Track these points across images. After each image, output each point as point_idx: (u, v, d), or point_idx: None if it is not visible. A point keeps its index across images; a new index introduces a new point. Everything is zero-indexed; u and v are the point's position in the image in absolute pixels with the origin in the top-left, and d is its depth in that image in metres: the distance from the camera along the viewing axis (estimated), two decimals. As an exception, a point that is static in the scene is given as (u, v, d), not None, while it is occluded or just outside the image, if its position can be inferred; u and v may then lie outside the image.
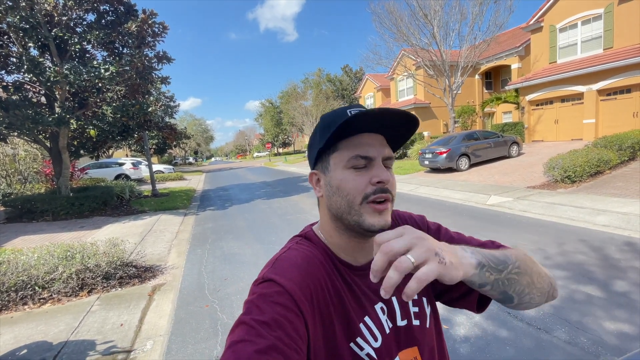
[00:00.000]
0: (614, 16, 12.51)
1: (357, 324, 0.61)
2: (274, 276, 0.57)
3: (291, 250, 0.65)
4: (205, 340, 2.84)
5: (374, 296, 0.65)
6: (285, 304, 0.53)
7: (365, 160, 0.62)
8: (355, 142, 0.62)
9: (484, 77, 22.32)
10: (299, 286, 0.56)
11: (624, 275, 3.30)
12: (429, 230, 0.77)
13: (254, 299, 0.54)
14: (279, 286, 0.55)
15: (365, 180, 0.61)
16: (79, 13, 8.47)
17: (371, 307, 0.64)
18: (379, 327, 0.63)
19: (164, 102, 22.23)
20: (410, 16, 16.15)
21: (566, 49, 14.46)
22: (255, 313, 0.52)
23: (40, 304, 3.64)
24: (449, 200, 7.87)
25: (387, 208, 0.62)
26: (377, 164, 0.62)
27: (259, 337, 0.48)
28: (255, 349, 0.47)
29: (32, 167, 12.49)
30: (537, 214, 5.86)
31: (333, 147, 0.64)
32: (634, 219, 4.84)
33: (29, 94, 8.74)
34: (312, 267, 0.62)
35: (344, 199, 0.62)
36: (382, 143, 0.64)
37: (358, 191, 0.61)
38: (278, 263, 0.61)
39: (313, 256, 0.64)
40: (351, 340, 0.61)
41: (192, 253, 5.40)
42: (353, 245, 0.66)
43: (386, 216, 0.62)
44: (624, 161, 8.56)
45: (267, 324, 0.50)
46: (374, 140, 0.63)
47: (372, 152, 0.62)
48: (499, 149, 12.37)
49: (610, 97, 12.81)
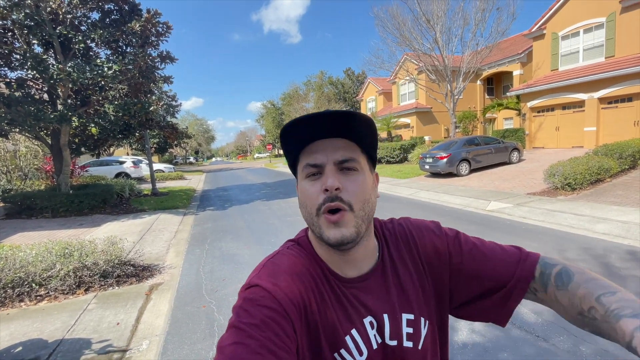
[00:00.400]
0: (616, 25, 12.56)
1: (343, 336, 0.60)
2: (260, 282, 0.57)
3: (280, 256, 0.64)
4: (202, 340, 2.82)
5: (363, 310, 0.63)
6: (273, 307, 0.53)
7: (316, 168, 0.59)
8: (309, 150, 0.60)
9: (485, 82, 22.38)
10: (284, 292, 0.56)
11: (625, 284, 3.29)
12: (446, 237, 0.71)
13: (242, 304, 0.55)
14: (264, 291, 0.55)
15: (317, 188, 0.58)
16: (84, 11, 8.51)
17: (359, 321, 0.62)
18: (366, 341, 0.61)
19: (166, 102, 22.28)
20: (413, 21, 16.23)
21: (568, 56, 14.51)
22: (243, 316, 0.52)
23: (37, 301, 3.63)
24: (448, 205, 7.86)
25: (342, 219, 0.57)
26: (327, 170, 0.58)
27: (250, 339, 0.49)
28: (247, 349, 0.48)
29: (33, 163, 12.48)
30: (537, 221, 5.85)
31: (297, 158, 0.63)
32: (634, 228, 4.83)
33: (31, 91, 8.76)
34: (299, 274, 0.60)
35: (306, 209, 0.60)
36: (337, 146, 0.59)
37: (312, 201, 0.59)
38: (264, 269, 0.60)
39: (301, 264, 0.62)
40: (335, 351, 0.59)
41: (190, 253, 5.39)
42: (336, 258, 0.63)
43: (343, 228, 0.57)
44: (625, 170, 8.56)
45: (256, 326, 0.50)
46: (327, 145, 0.59)
47: (320, 158, 0.59)
48: (499, 155, 12.38)
49: (612, 106, 12.84)
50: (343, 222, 0.57)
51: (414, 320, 0.65)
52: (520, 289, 0.63)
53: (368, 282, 0.64)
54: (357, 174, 0.60)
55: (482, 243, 0.70)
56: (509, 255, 0.66)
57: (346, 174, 0.59)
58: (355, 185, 0.59)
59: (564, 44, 14.57)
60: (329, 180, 0.57)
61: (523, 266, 0.64)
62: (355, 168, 0.60)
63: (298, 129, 0.58)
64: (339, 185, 0.57)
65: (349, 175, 0.59)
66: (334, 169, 0.58)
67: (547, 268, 0.62)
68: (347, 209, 0.57)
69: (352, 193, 0.58)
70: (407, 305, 0.65)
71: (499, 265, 0.65)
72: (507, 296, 0.64)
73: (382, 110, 27.22)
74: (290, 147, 0.62)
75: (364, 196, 0.60)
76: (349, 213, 0.57)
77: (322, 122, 0.57)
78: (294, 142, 0.61)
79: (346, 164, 0.59)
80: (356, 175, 0.60)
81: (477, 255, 0.67)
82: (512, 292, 0.63)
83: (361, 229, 0.59)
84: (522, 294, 0.63)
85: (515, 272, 0.63)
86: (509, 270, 0.64)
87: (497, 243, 0.71)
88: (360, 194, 0.59)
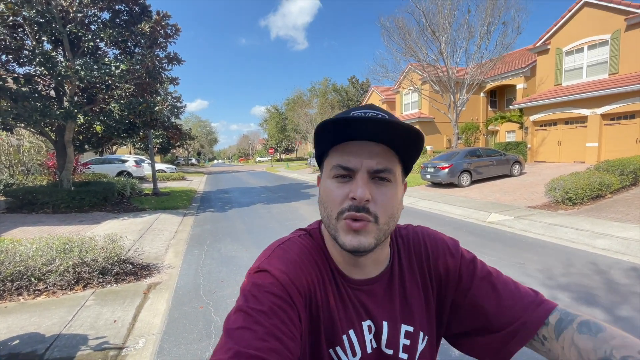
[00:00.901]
0: (620, 42, 12.68)
1: (341, 334, 0.60)
2: (269, 267, 0.57)
3: (290, 243, 0.63)
4: (198, 341, 2.82)
5: (363, 313, 0.62)
6: (280, 295, 0.54)
7: (347, 171, 0.56)
8: (342, 149, 0.57)
9: (489, 95, 22.51)
10: (292, 280, 0.56)
11: (624, 299, 3.28)
12: (461, 258, 0.67)
13: (250, 289, 0.55)
14: (273, 278, 0.55)
15: (344, 193, 0.56)
16: (94, 11, 8.63)
17: (358, 323, 0.61)
18: (361, 343, 0.61)
19: (171, 102, 22.43)
20: (419, 32, 16.41)
21: (572, 72, 14.61)
22: (252, 302, 0.53)
23: (35, 296, 3.63)
24: (449, 215, 7.86)
25: (365, 227, 0.55)
26: (359, 177, 0.55)
27: (257, 324, 0.50)
28: (254, 335, 0.49)
29: (36, 159, 12.55)
30: (537, 234, 5.84)
31: (327, 152, 0.61)
32: (633, 244, 4.82)
33: (38, 87, 8.85)
34: (307, 265, 0.60)
35: (325, 209, 0.58)
36: (373, 152, 0.56)
37: (335, 204, 0.56)
38: (274, 254, 0.60)
39: (310, 255, 0.62)
40: (331, 347, 0.60)
41: (189, 253, 5.39)
42: (345, 259, 0.62)
43: (362, 237, 0.55)
44: (626, 186, 8.56)
45: (264, 313, 0.51)
46: (363, 149, 0.56)
47: (353, 163, 0.55)
48: (501, 167, 12.40)
49: (614, 122, 12.89)
50: (364, 231, 0.55)
51: (412, 333, 0.64)
52: (526, 333, 0.58)
53: (373, 287, 0.64)
54: (390, 186, 0.57)
55: (497, 275, 0.65)
56: (523, 296, 0.61)
57: (378, 185, 0.56)
58: (386, 198, 0.56)
59: (568, 60, 14.69)
60: (360, 190, 0.54)
61: (535, 310, 0.59)
62: (389, 179, 0.56)
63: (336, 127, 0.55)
64: (369, 197, 0.54)
65: (381, 187, 0.56)
66: (366, 177, 0.55)
67: (568, 316, 0.56)
68: (372, 220, 0.55)
69: (380, 206, 0.55)
70: (408, 316, 0.64)
71: (508, 303, 0.60)
72: (509, 338, 0.59)
73: (385, 119, 27.25)
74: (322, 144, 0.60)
75: (392, 210, 0.57)
76: (373, 224, 0.55)
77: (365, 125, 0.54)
78: (327, 139, 0.58)
79: (380, 174, 0.56)
80: (388, 188, 0.56)
81: (487, 286, 0.63)
82: (516, 334, 0.58)
83: (380, 240, 0.57)
84: (527, 338, 0.58)
85: (524, 314, 0.58)
86: (519, 310, 0.59)
87: (514, 281, 0.65)
88: (389, 208, 0.56)
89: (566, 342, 0.54)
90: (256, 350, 0.47)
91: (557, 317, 0.57)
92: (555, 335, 0.55)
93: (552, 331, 0.56)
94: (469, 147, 14.61)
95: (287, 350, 0.50)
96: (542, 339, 0.57)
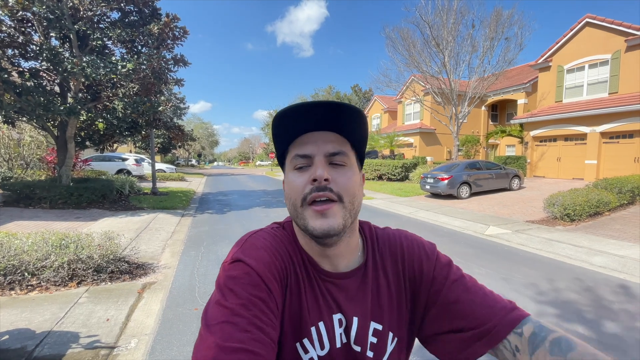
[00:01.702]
0: (620, 63, 12.85)
1: (309, 326, 0.59)
2: (243, 257, 0.56)
3: (263, 233, 0.64)
4: (191, 343, 2.79)
5: (334, 306, 0.62)
6: (257, 284, 0.54)
7: (305, 159, 0.59)
8: (299, 142, 0.60)
9: (490, 109, 22.69)
10: (267, 267, 0.56)
11: (617, 317, 3.27)
12: (436, 260, 0.67)
13: (226, 281, 0.54)
14: (248, 267, 0.55)
15: (305, 179, 0.58)
16: (105, 10, 8.72)
17: (328, 315, 0.61)
18: (331, 337, 0.60)
19: (174, 103, 22.53)
20: (423, 44, 16.61)
21: (572, 89, 14.77)
22: (229, 295, 0.52)
23: (28, 291, 3.60)
24: (447, 226, 7.86)
25: (330, 208, 0.56)
26: (317, 161, 0.58)
27: (237, 317, 0.50)
28: (235, 328, 0.48)
29: (36, 153, 12.55)
30: (535, 249, 5.83)
31: (287, 150, 0.63)
32: (630, 263, 4.82)
33: (43, 82, 8.89)
34: (280, 253, 0.60)
35: (290, 202, 0.60)
36: (327, 139, 0.59)
37: (298, 192, 0.58)
38: (247, 244, 0.60)
39: (283, 245, 0.62)
40: (298, 339, 0.59)
41: (185, 254, 5.36)
42: (316, 251, 0.63)
43: (331, 219, 0.56)
44: (624, 204, 8.59)
45: (243, 305, 0.51)
46: (318, 137, 0.59)
47: (310, 149, 0.59)
48: (500, 181, 12.43)
49: (613, 140, 12.99)
50: (331, 212, 0.56)
51: (381, 331, 0.63)
52: (494, 336, 0.57)
53: (346, 281, 0.64)
54: (346, 169, 0.60)
55: (472, 281, 0.65)
56: (496, 302, 0.61)
57: (335, 168, 0.59)
58: (345, 178, 0.59)
59: (569, 77, 14.86)
60: (318, 170, 0.56)
61: (507, 315, 0.58)
62: (345, 163, 0.60)
63: (290, 118, 0.58)
64: (328, 176, 0.56)
65: (339, 169, 0.59)
66: (323, 160, 0.58)
67: (542, 330, 0.55)
68: (336, 199, 0.57)
69: (341, 185, 0.58)
70: (378, 314, 0.64)
71: (480, 306, 0.60)
72: (476, 338, 0.58)
73: (386, 128, 27.49)
74: (280, 143, 0.63)
75: (353, 190, 0.59)
76: (338, 204, 0.57)
77: (314, 114, 0.57)
78: (284, 133, 0.61)
79: (336, 157, 0.59)
80: (345, 170, 0.60)
81: (461, 288, 0.63)
82: (484, 336, 0.57)
83: (348, 222, 0.58)
84: (495, 342, 0.57)
85: (494, 318, 0.58)
86: (490, 314, 0.59)
87: (489, 289, 0.65)
88: (350, 188, 0.59)
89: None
90: (239, 342, 0.47)
91: (530, 329, 0.56)
92: (529, 350, 0.54)
93: (526, 345, 0.55)
94: (469, 160, 14.67)
95: (269, 340, 0.50)
96: (514, 349, 0.56)
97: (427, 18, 15.73)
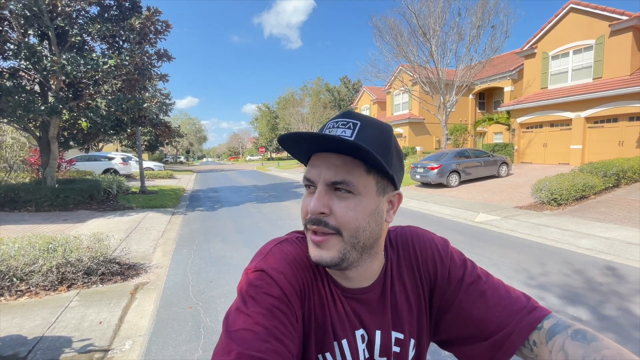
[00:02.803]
0: (604, 48, 13.04)
1: (332, 340, 0.59)
2: (266, 267, 0.56)
3: (287, 244, 0.61)
4: (187, 342, 2.78)
5: (357, 322, 0.61)
6: (277, 296, 0.54)
7: (310, 182, 0.56)
8: (310, 162, 0.58)
9: (477, 97, 22.87)
10: (289, 281, 0.56)
11: (606, 298, 3.38)
12: (451, 260, 0.65)
13: (247, 289, 0.54)
14: (270, 278, 0.55)
15: (306, 205, 0.56)
16: (83, 5, 8.41)
17: (351, 331, 0.61)
18: (354, 353, 0.60)
19: (160, 99, 22.07)
20: (410, 33, 16.54)
21: (557, 75, 14.97)
22: (250, 303, 0.52)
23: (17, 297, 3.52)
24: (438, 215, 7.96)
25: (326, 241, 0.54)
26: (317, 189, 0.55)
27: (258, 326, 0.50)
28: (256, 337, 0.49)
29: (19, 155, 12.18)
30: (523, 234, 5.96)
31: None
32: (616, 244, 4.96)
33: (22, 81, 8.58)
34: (302, 267, 0.59)
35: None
36: (332, 164, 0.53)
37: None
38: (271, 254, 0.59)
39: (306, 257, 0.60)
40: (320, 352, 0.59)
41: (178, 253, 5.31)
42: (333, 270, 0.61)
43: (324, 251, 0.54)
44: (609, 187, 8.81)
45: (263, 314, 0.51)
46: (323, 161, 0.55)
47: (313, 175, 0.55)
48: (488, 168, 12.61)
49: (598, 125, 13.25)
50: (325, 245, 0.54)
51: (403, 340, 0.63)
52: (514, 342, 0.56)
53: (368, 295, 0.63)
54: (352, 198, 0.54)
55: (487, 279, 0.63)
56: (513, 302, 0.59)
57: (339, 197, 0.54)
58: (346, 211, 0.53)
59: (554, 64, 15.04)
60: (312, 203, 0.53)
61: (525, 317, 0.57)
62: (351, 191, 0.53)
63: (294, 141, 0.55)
64: (323, 209, 0.53)
65: (342, 199, 0.54)
66: (324, 189, 0.54)
67: (564, 323, 0.55)
68: (332, 232, 0.54)
69: (340, 218, 0.53)
70: (398, 323, 0.64)
71: (497, 309, 0.58)
72: (497, 347, 0.56)
73: (376, 119, 27.44)
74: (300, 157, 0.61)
75: (356, 223, 0.54)
76: (336, 237, 0.54)
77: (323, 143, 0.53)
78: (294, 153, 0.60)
79: (340, 186, 0.53)
80: (350, 200, 0.54)
81: (476, 292, 0.61)
82: (504, 344, 0.56)
83: (348, 255, 0.55)
84: (515, 348, 0.56)
85: (513, 322, 0.57)
86: (508, 317, 0.57)
87: (506, 285, 0.63)
88: (352, 221, 0.53)
89: (555, 347, 0.52)
90: (258, 352, 0.47)
91: (552, 322, 0.56)
92: (546, 339, 0.54)
93: (544, 335, 0.54)
94: (458, 148, 14.82)
95: (287, 352, 0.50)
96: (532, 344, 0.55)
97: (413, 7, 15.68)
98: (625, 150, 12.03)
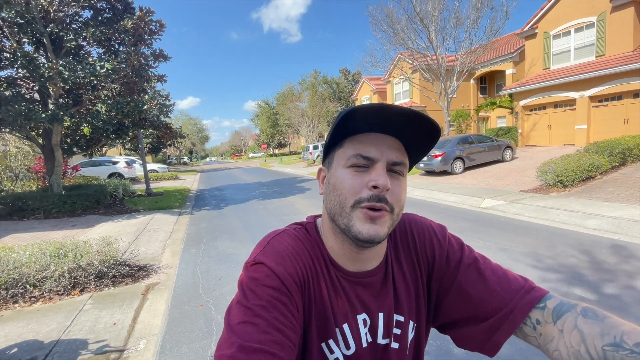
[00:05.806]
0: (606, 24, 12.76)
1: (334, 327, 0.60)
2: (265, 259, 0.57)
3: (285, 235, 0.62)
4: (200, 339, 2.82)
5: (359, 306, 0.62)
6: (277, 287, 0.54)
7: (366, 161, 0.57)
8: (360, 140, 0.58)
9: (479, 81, 22.57)
10: (288, 272, 0.56)
11: (615, 277, 3.36)
12: (448, 244, 0.67)
13: (247, 282, 0.55)
14: (269, 270, 0.55)
15: (362, 182, 0.56)
16: (76, 9, 8.39)
17: (353, 316, 0.62)
18: (356, 337, 0.61)
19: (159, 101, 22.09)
20: (407, 20, 16.29)
21: (559, 55, 14.69)
22: (250, 296, 0.53)
23: (31, 303, 3.59)
24: (443, 202, 7.93)
25: (382, 217, 0.56)
26: (378, 166, 0.56)
27: (258, 318, 0.51)
28: (256, 329, 0.50)
29: (23, 164, 12.29)
30: (530, 217, 5.93)
31: (339, 143, 0.61)
32: (623, 223, 4.93)
33: (22, 90, 8.62)
34: (301, 256, 0.60)
35: (338, 198, 0.58)
36: (391, 146, 0.58)
37: (352, 193, 0.56)
38: (269, 246, 0.60)
39: (305, 248, 0.62)
40: (323, 340, 0.60)
41: (186, 252, 5.37)
42: (346, 253, 0.62)
43: (379, 226, 0.56)
44: (615, 166, 8.71)
45: (263, 307, 0.52)
46: (382, 141, 0.57)
47: (374, 153, 0.56)
48: (493, 153, 12.51)
49: (602, 104, 13.04)
50: (381, 220, 0.56)
51: (403, 322, 0.65)
52: (513, 320, 0.57)
53: (372, 278, 0.64)
54: (402, 180, 0.59)
55: (485, 261, 0.65)
56: (511, 282, 0.60)
57: (393, 177, 0.58)
58: (400, 190, 0.58)
59: (556, 43, 14.75)
60: (382, 178, 0.55)
61: (524, 297, 0.58)
62: (402, 173, 0.59)
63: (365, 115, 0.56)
64: (389, 186, 0.55)
65: (395, 179, 0.58)
66: (385, 167, 0.57)
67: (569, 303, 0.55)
68: (389, 210, 0.56)
69: (396, 197, 0.57)
70: (398, 306, 0.65)
71: (495, 289, 0.60)
72: (496, 327, 0.58)
73: (376, 109, 27.24)
74: (339, 134, 0.60)
75: (404, 202, 0.59)
76: (389, 215, 0.57)
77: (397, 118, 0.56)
78: (345, 130, 0.59)
79: (396, 167, 0.58)
80: (401, 180, 0.59)
81: (474, 272, 0.62)
82: (503, 323, 0.57)
83: (390, 230, 0.58)
84: (515, 325, 0.57)
85: (512, 301, 0.58)
86: (506, 297, 0.58)
87: (503, 268, 0.64)
88: (402, 200, 0.59)
89: (567, 326, 0.51)
90: (259, 343, 0.48)
91: (556, 302, 0.56)
92: (553, 318, 0.53)
93: (550, 315, 0.54)
94: (461, 135, 14.70)
95: (289, 342, 0.51)
96: (535, 323, 0.55)
97: (409, -7, 15.39)
98: (631, 128, 11.84)
